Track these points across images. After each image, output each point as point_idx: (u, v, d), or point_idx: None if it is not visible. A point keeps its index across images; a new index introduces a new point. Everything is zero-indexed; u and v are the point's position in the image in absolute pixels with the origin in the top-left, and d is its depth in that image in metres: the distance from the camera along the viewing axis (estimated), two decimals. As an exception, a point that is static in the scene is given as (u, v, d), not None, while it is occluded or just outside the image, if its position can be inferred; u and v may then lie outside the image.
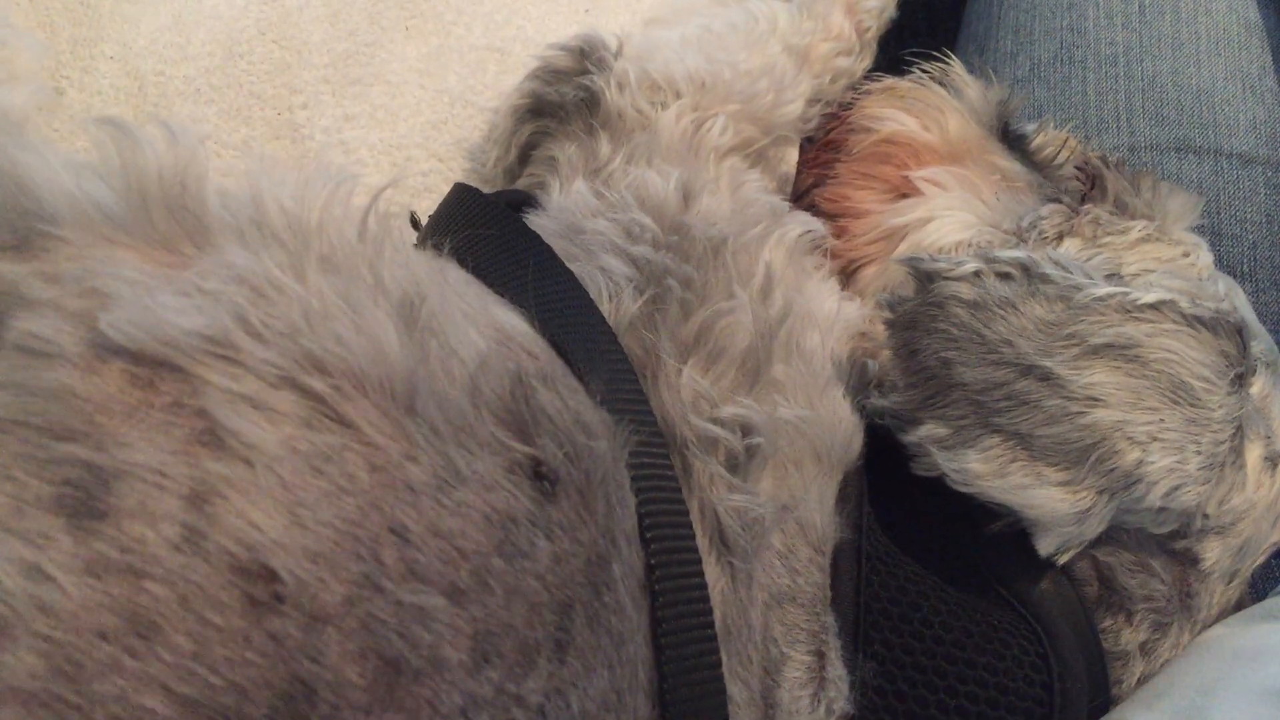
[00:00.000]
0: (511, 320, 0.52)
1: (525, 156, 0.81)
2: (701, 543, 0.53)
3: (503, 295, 0.54)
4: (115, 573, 0.36)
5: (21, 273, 0.41)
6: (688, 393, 0.56)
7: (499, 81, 0.89)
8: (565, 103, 0.76)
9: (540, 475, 0.45)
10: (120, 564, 0.36)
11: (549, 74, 0.78)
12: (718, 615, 0.52)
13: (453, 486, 0.42)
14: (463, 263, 0.56)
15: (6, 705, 0.33)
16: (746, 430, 0.56)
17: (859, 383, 0.63)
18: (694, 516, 0.54)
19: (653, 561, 0.49)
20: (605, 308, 0.59)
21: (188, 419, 0.39)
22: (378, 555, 0.39)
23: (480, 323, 0.49)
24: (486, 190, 0.74)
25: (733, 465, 0.56)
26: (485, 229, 0.62)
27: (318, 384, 0.41)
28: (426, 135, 0.87)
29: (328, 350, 0.42)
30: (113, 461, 0.37)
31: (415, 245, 0.64)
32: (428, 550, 0.40)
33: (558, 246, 0.62)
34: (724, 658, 0.51)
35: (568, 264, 0.60)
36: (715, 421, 0.56)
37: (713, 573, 0.53)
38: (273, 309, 0.42)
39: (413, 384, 0.43)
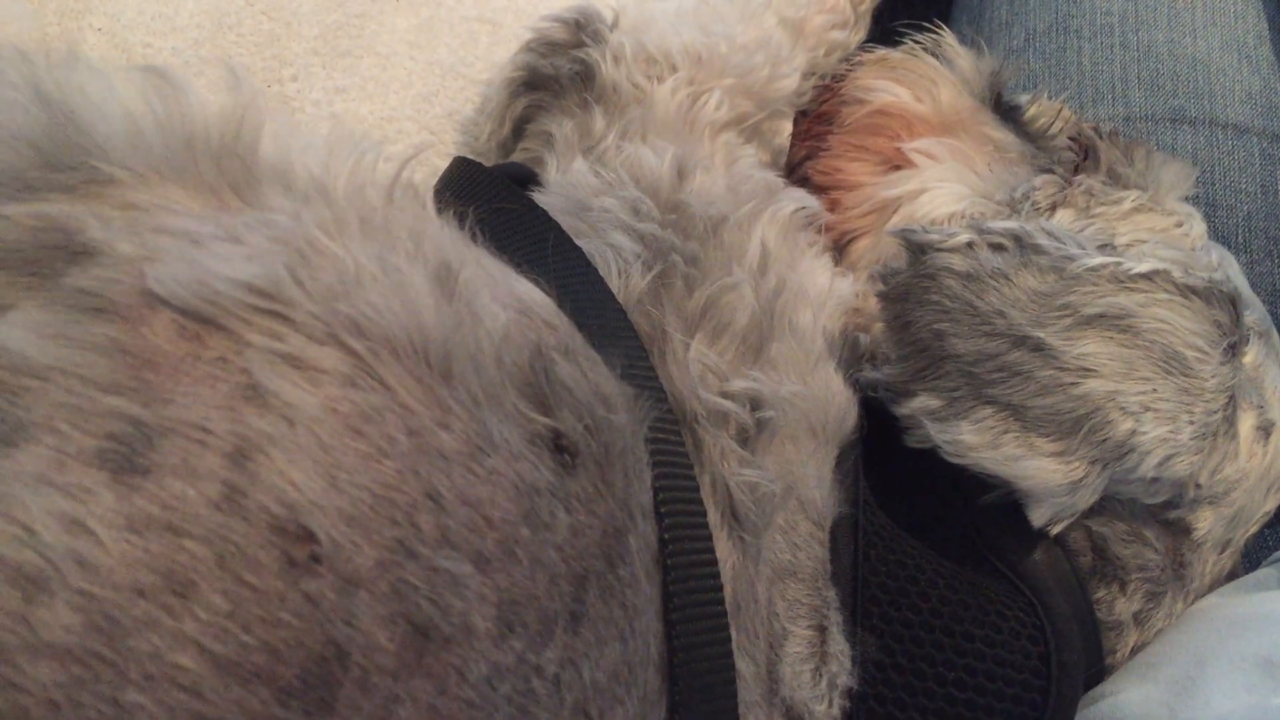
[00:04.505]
0: (531, 293, 0.51)
1: (519, 130, 0.80)
2: (713, 518, 0.53)
3: (519, 269, 0.54)
4: (155, 530, 0.35)
5: (76, 214, 0.40)
6: (695, 367, 0.56)
7: (491, 53, 0.88)
8: (560, 76, 0.75)
9: (560, 448, 0.44)
10: (161, 521, 0.35)
11: (543, 46, 0.77)
12: (728, 591, 0.52)
13: (485, 454, 0.41)
14: (479, 235, 0.56)
15: (41, 660, 0.33)
16: (756, 404, 0.56)
17: (852, 357, 0.63)
18: (705, 491, 0.53)
19: (665, 536, 0.49)
20: (614, 284, 0.58)
21: (233, 374, 0.38)
22: (413, 520, 0.39)
23: (502, 294, 0.48)
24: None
25: (743, 439, 0.55)
26: (500, 203, 0.61)
27: (358, 345, 0.40)
28: (418, 108, 0.86)
29: (363, 314, 0.41)
30: (157, 417, 0.37)
31: None
32: (459, 517, 0.40)
33: (566, 224, 0.61)
34: (733, 633, 0.51)
35: (576, 241, 0.60)
36: (725, 395, 0.56)
37: (724, 548, 0.53)
38: (314, 268, 0.41)
39: (449, 350, 0.42)
